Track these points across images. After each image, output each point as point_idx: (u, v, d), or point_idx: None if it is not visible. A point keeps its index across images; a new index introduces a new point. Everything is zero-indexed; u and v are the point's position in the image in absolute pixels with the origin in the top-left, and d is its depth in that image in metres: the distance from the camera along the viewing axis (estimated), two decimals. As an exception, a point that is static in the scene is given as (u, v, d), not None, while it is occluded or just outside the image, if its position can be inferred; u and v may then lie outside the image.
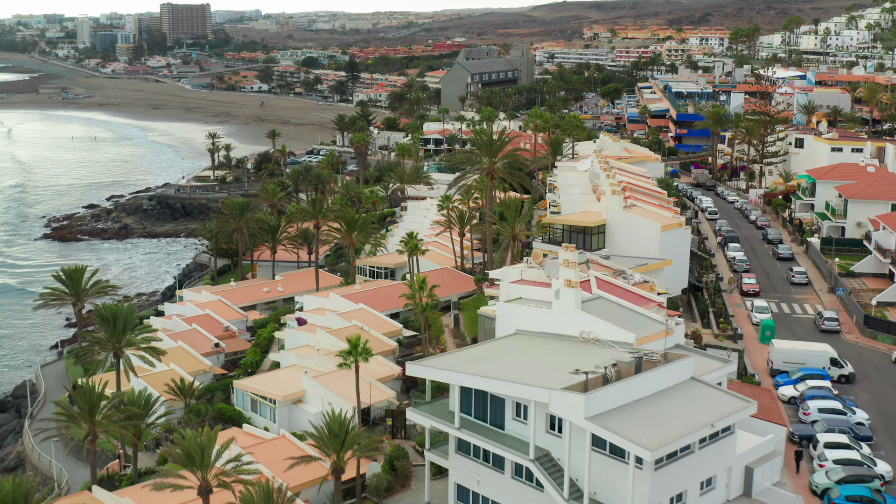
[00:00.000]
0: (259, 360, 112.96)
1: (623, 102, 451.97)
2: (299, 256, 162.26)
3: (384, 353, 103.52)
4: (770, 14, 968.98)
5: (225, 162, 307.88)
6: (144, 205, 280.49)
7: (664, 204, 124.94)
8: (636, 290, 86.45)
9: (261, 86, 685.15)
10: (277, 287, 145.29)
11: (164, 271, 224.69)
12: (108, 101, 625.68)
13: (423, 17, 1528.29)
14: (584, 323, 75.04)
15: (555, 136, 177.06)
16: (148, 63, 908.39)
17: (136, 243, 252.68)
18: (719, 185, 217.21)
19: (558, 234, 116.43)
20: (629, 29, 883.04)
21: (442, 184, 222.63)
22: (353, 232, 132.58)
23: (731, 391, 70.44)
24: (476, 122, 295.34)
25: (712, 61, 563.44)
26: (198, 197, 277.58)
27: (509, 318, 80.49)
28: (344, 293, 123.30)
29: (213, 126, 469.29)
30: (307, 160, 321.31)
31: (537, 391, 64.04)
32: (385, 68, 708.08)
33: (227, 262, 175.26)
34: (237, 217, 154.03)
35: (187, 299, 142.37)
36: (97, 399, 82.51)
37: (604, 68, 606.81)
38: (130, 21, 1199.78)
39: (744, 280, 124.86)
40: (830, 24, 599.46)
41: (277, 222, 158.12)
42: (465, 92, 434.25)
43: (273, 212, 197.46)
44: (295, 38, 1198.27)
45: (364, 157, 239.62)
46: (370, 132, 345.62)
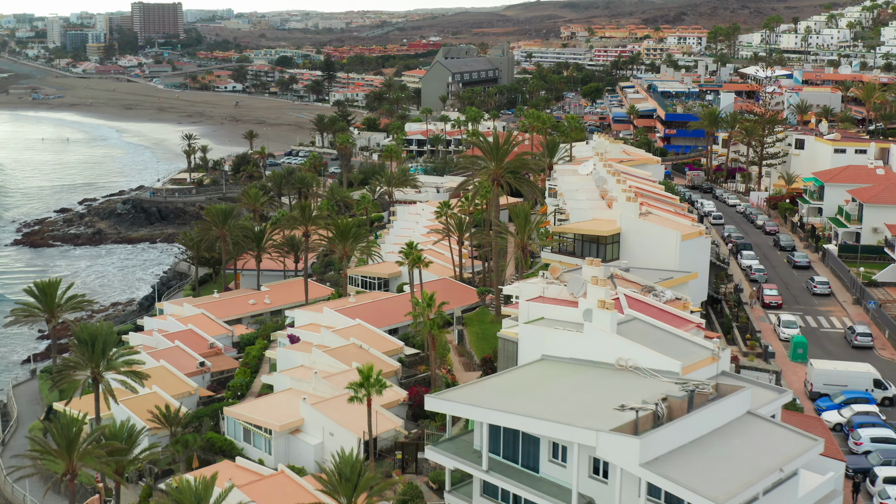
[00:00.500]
0: (249, 382, 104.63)
1: (605, 102, 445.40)
2: (285, 265, 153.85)
3: (387, 375, 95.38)
4: (744, 13, 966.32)
5: (201, 164, 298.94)
6: (118, 209, 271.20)
7: (679, 210, 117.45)
8: (670, 308, 78.73)
9: (235, 85, 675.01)
10: (264, 299, 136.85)
11: (139, 279, 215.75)
12: (79, 101, 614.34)
13: (397, 16, 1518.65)
14: (620, 349, 67.29)
15: (551, 137, 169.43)
16: (119, 63, 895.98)
17: (110, 249, 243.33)
18: (716, 187, 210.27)
19: (567, 243, 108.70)
20: (606, 28, 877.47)
21: (429, 186, 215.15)
22: (345, 241, 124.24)
23: (792, 426, 62.80)
24: (461, 123, 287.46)
25: (692, 60, 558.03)
26: (174, 200, 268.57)
27: (533, 341, 72.63)
28: (338, 307, 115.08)
29: (188, 126, 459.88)
30: (286, 161, 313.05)
31: (582, 433, 56.23)
32: (361, 68, 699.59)
33: (208, 272, 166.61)
34: (220, 224, 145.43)
35: (168, 313, 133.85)
36: (76, 434, 74.26)
37: (583, 68, 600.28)
38: (101, 20, 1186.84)
39: (765, 291, 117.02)
40: (810, 23, 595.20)
41: (262, 229, 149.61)
42: (446, 92, 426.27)
43: (255, 217, 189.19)
44: (268, 38, 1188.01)
45: (348, 160, 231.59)
46: (351, 133, 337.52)
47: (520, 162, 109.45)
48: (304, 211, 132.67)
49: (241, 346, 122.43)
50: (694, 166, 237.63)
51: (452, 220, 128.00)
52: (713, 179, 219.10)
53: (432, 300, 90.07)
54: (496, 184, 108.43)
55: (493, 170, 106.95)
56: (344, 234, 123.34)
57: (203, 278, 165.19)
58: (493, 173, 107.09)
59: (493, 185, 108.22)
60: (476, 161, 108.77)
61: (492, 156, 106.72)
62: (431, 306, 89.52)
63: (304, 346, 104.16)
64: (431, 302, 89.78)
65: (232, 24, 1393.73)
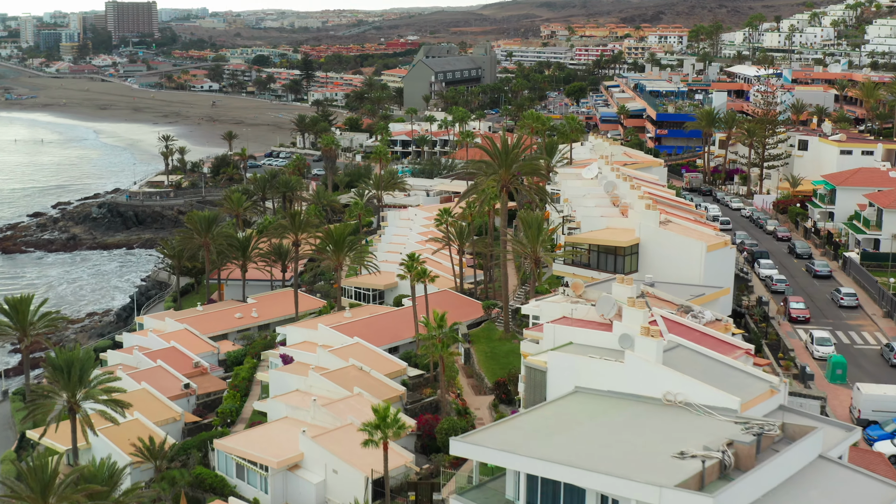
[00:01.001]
0: (239, 408, 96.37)
1: (590, 101, 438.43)
2: (272, 275, 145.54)
3: (391, 400, 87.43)
4: (722, 12, 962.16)
5: (179, 166, 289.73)
6: (94, 213, 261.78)
7: (698, 218, 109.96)
8: (713, 332, 70.99)
9: (211, 85, 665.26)
10: (251, 312, 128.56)
11: (116, 287, 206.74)
12: (52, 101, 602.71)
13: (373, 15, 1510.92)
14: (668, 381, 59.54)
15: (550, 139, 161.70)
16: (93, 62, 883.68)
17: (85, 256, 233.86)
18: (715, 189, 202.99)
19: (581, 254, 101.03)
20: (586, 27, 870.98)
21: (418, 190, 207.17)
22: (339, 250, 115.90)
23: (870, 472, 55.16)
24: (448, 123, 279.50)
25: (675, 59, 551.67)
26: (151, 204, 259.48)
27: (565, 371, 64.66)
28: (333, 324, 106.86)
29: (164, 127, 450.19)
30: (267, 163, 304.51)
31: (642, 488, 48.30)
32: (339, 67, 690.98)
33: (190, 281, 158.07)
34: (203, 232, 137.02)
35: (148, 328, 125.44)
36: (51, 477, 65.96)
37: (565, 67, 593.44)
38: (75, 19, 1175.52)
39: (791, 305, 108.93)
40: (793, 22, 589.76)
41: (247, 237, 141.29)
42: (429, 91, 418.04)
43: (239, 223, 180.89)
44: (243, 37, 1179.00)
45: (333, 162, 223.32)
46: (333, 133, 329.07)
47: (531, 167, 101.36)
48: (294, 218, 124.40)
49: (229, 365, 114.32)
50: (690, 168, 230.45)
51: (453, 229, 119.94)
52: (711, 181, 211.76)
53: (443, 321, 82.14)
54: (504, 191, 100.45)
55: (502, 176, 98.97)
56: (337, 243, 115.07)
57: (184, 288, 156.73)
58: (502, 179, 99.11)
59: (502, 192, 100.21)
60: (483, 166, 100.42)
61: (500, 161, 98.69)
62: (443, 327, 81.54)
63: (299, 368, 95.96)
64: (443, 323, 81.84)
65: (207, 23, 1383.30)
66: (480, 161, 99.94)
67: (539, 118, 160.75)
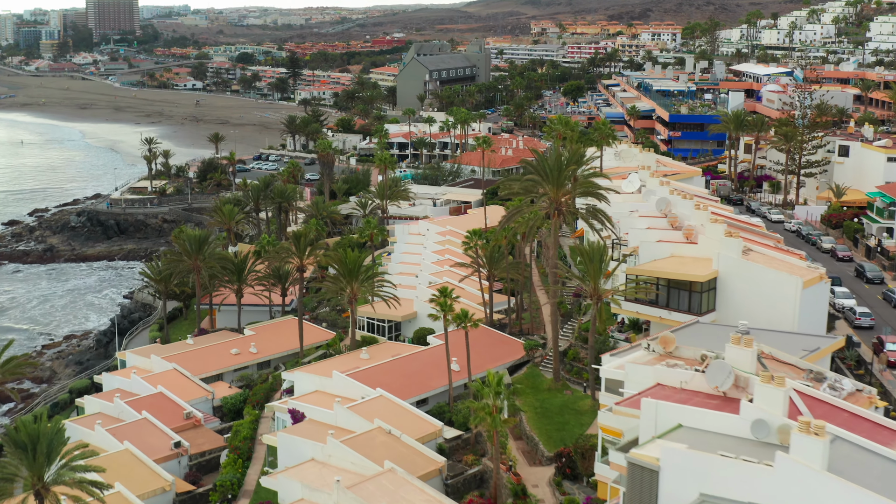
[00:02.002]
0: (241, 478, 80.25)
1: (589, 101, 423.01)
2: (271, 300, 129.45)
3: (428, 476, 71.73)
4: (710, 9, 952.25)
5: (163, 170, 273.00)
6: (72, 221, 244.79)
7: (778, 245, 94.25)
8: (861, 411, 55.04)
9: (195, 83, 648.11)
10: (249, 346, 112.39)
11: (95, 305, 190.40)
12: (31, 100, 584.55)
13: (356, 12, 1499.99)
14: (836, 496, 43.78)
15: (577, 146, 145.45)
16: (74, 60, 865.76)
17: (62, 269, 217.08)
18: (746, 198, 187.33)
19: (645, 289, 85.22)
20: (577, 24, 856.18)
21: (423, 198, 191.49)
22: (353, 279, 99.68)
23: None
24: (450, 125, 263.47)
25: (671, 57, 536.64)
26: (134, 212, 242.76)
27: (686, 472, 48.79)
28: (350, 369, 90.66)
29: (146, 127, 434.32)
30: (256, 166, 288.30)
31: None
32: (325, 65, 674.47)
33: (178, 305, 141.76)
34: (193, 253, 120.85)
35: (131, 365, 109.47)
36: None
37: (558, 65, 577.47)
38: (55, 17, 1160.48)
39: (888, 346, 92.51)
40: (791, 19, 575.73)
41: (243, 259, 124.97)
42: (423, 90, 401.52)
43: (230, 237, 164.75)
44: (226, 34, 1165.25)
45: (330, 168, 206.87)
46: (325, 135, 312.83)
47: (589, 186, 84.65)
48: (299, 241, 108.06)
49: (225, 412, 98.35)
50: (713, 173, 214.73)
51: (483, 252, 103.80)
52: (740, 189, 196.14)
53: (500, 385, 66.12)
54: (556, 215, 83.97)
55: (553, 197, 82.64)
56: (351, 271, 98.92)
57: (172, 313, 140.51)
58: (554, 201, 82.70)
59: (553, 217, 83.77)
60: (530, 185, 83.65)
61: (551, 178, 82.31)
62: (501, 394, 65.56)
63: (313, 429, 79.85)
64: (500, 388, 65.82)
65: (189, 21, 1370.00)
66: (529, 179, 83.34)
67: (569, 124, 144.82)
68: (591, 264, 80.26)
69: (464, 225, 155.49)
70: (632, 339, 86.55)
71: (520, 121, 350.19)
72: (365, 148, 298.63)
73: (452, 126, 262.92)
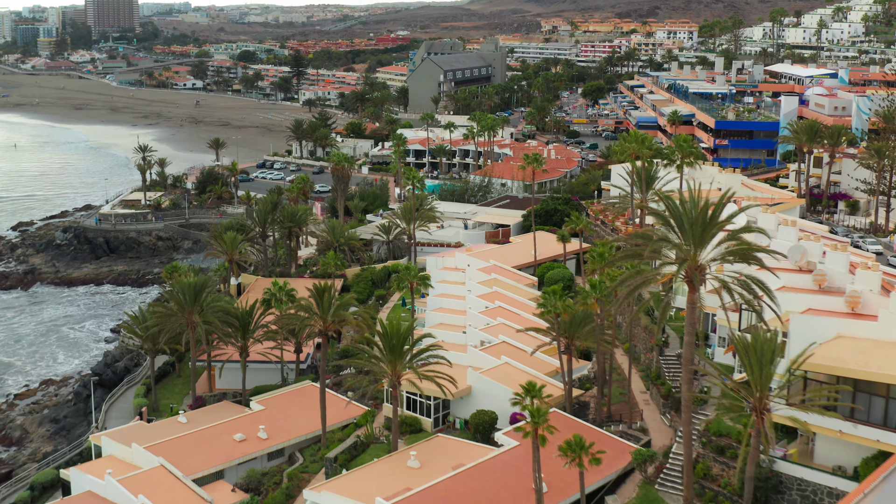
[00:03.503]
0: None
1: (611, 103, 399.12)
2: (283, 356, 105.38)
3: None
4: (718, 7, 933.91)
5: (159, 180, 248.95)
6: (57, 238, 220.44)
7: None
8: None
9: (195, 82, 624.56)
10: (257, 430, 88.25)
11: (73, 340, 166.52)
12: (25, 100, 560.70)
13: (359, 10, 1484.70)
14: None
15: (649, 167, 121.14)
16: (71, 58, 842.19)
17: (41, 296, 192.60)
18: (826, 221, 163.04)
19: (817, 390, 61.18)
20: (590, 22, 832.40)
21: (451, 218, 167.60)
22: (399, 360, 75.74)
23: None
24: (476, 133, 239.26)
25: (692, 56, 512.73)
26: (125, 229, 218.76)
27: None
28: (397, 494, 66.43)
29: (143, 129, 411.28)
30: (260, 176, 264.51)
31: None
32: (329, 63, 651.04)
33: (169, 359, 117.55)
34: (187, 306, 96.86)
35: (108, 453, 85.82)
36: None
37: (573, 64, 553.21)
38: (53, 14, 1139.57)
39: None
40: (816, 17, 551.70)
41: (249, 311, 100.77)
42: (437, 92, 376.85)
43: (232, 269, 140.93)
44: (227, 32, 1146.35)
45: (345, 183, 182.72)
46: (333, 140, 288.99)
47: (744, 248, 60.11)
48: (322, 297, 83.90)
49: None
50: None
51: (564, 315, 79.72)
52: (812, 209, 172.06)
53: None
54: (695, 287, 59.35)
55: (693, 263, 58.19)
56: (395, 347, 75.06)
57: (163, 368, 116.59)
58: (692, 265, 58.22)
59: (691, 289, 59.36)
60: (658, 243, 59.16)
61: (690, 236, 57.87)
62: None
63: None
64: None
65: (190, 18, 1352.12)
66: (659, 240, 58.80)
67: (645, 140, 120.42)
68: (755, 366, 55.97)
69: (509, 257, 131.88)
70: (793, 456, 62.74)
71: (542, 125, 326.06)
72: (378, 155, 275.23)
73: (478, 133, 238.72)
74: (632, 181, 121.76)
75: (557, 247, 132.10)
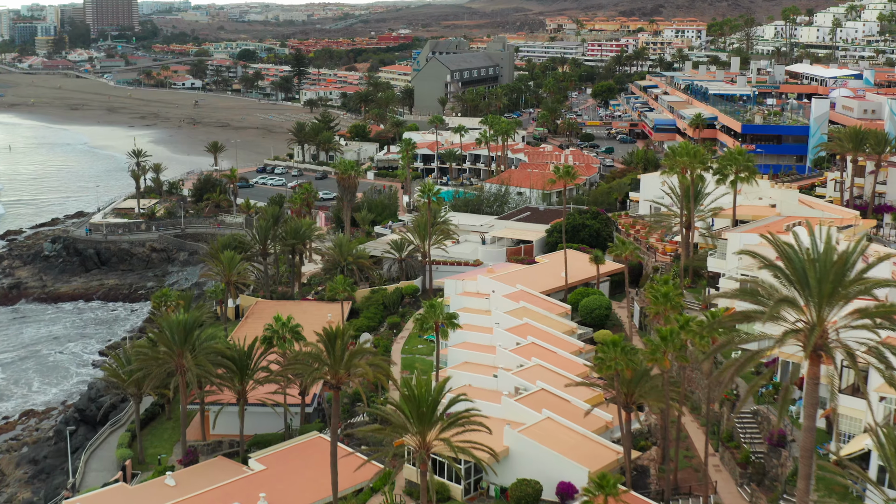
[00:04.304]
0: None
1: (622, 104, 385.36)
2: (286, 402, 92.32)
3: None
4: (722, 6, 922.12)
5: (154, 186, 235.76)
6: (46, 249, 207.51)
7: None
8: None
9: (193, 82, 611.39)
10: (257, 499, 75.00)
11: (56, 364, 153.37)
12: (20, 100, 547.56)
13: (359, 8, 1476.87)
14: None
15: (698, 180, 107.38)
16: (69, 57, 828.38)
17: (25, 313, 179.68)
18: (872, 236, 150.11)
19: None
20: (595, 20, 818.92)
21: (467, 230, 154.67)
22: (428, 427, 62.80)
23: None
24: (489, 138, 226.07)
25: (703, 55, 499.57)
26: (117, 240, 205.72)
27: None
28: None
29: (140, 130, 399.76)
30: (260, 181, 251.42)
31: None
32: (331, 62, 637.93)
33: (156, 401, 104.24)
34: (177, 347, 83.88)
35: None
36: None
37: (580, 63, 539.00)
38: (52, 12, 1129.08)
39: None
40: (828, 15, 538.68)
41: (247, 353, 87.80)
42: (444, 93, 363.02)
43: (229, 290, 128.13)
44: (227, 30, 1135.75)
45: (352, 193, 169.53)
46: (337, 143, 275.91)
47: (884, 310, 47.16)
48: (334, 344, 70.89)
49: None
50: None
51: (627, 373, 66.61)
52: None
53: None
54: (816, 359, 45.97)
55: (820, 327, 44.71)
56: (423, 415, 62.06)
57: (151, 410, 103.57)
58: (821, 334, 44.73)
59: (813, 361, 45.97)
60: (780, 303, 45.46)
61: (814, 293, 44.76)
62: None
63: None
64: None
65: (189, 16, 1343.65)
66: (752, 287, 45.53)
67: (697, 153, 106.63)
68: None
69: (536, 280, 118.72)
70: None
71: (553, 127, 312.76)
72: (384, 160, 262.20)
73: (492, 138, 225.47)
74: (681, 197, 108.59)
75: (589, 268, 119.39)
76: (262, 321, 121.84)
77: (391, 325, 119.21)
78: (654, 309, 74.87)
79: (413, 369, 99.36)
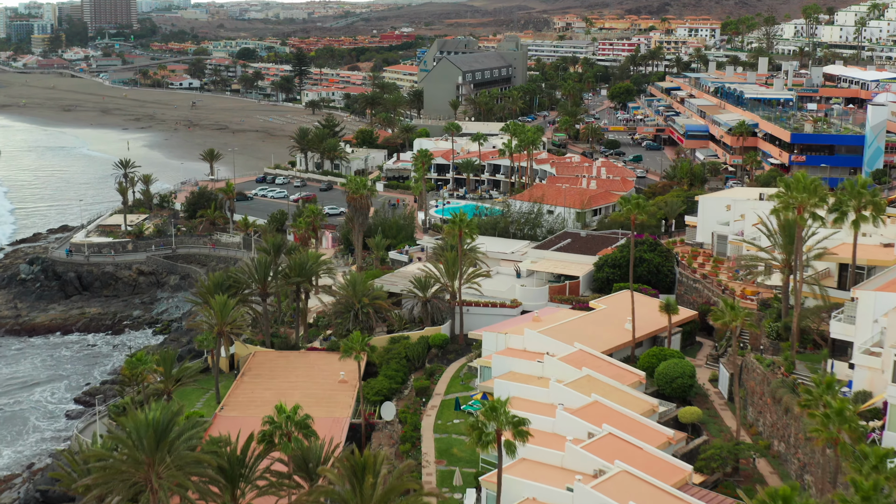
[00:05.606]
0: None
1: (642, 106, 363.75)
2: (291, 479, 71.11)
3: None
4: (729, 4, 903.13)
5: (143, 199, 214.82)
6: (23, 272, 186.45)
7: None
8: None
9: (191, 81, 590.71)
10: None
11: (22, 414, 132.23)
12: (11, 101, 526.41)
13: (360, 6, 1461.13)
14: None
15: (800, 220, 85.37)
16: (65, 56, 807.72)
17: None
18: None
19: None
20: (605, 18, 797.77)
21: (495, 259, 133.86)
22: None
23: None
24: (514, 149, 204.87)
25: (722, 55, 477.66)
26: (101, 262, 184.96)
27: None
28: None
29: (134, 133, 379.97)
30: (260, 193, 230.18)
31: None
32: (332, 61, 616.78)
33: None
34: (147, 454, 62.63)
35: None
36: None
37: (593, 63, 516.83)
38: (49, 10, 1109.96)
39: None
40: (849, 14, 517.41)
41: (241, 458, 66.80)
42: (456, 95, 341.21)
43: (223, 343, 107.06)
44: (227, 28, 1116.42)
45: (364, 216, 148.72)
46: (342, 151, 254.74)
47: None
48: (363, 480, 49.01)
49: None
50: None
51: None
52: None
53: None
54: None
55: None
56: None
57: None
58: None
59: None
60: None
61: None
62: None
63: None
64: None
65: (189, 14, 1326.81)
66: None
67: (818, 190, 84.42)
68: None
69: (596, 335, 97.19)
70: None
71: (574, 133, 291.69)
72: (393, 169, 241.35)
73: (516, 149, 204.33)
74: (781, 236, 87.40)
75: (656, 316, 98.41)
76: (262, 381, 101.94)
77: (418, 391, 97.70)
78: (818, 432, 53.14)
79: (451, 459, 78.40)
